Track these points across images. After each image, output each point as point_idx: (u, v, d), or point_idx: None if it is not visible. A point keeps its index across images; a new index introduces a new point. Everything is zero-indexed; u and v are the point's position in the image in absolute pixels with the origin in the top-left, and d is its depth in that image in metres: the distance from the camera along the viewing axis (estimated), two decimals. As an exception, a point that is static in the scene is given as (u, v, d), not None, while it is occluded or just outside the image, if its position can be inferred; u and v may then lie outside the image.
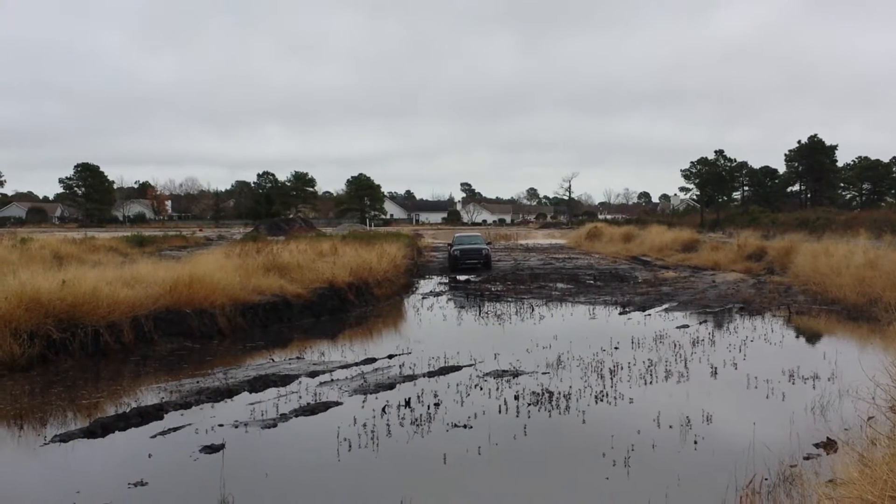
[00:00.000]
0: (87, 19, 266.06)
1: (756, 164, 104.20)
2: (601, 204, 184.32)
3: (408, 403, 10.79)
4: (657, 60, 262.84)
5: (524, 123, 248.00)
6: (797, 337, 17.28)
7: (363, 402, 11.02)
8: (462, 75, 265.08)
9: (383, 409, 10.50)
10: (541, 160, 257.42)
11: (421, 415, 10.22)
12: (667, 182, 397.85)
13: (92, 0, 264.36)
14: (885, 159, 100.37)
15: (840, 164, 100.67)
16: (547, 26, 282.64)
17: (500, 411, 10.43)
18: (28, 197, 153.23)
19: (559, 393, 11.31)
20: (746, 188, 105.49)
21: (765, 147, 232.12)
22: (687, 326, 18.06)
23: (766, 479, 7.42)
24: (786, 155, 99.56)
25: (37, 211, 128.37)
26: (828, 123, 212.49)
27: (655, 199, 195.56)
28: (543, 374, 12.79)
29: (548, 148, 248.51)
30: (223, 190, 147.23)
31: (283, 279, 20.62)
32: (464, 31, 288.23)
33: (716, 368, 13.17)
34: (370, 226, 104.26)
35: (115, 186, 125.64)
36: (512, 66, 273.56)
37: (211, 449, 8.79)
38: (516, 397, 11.11)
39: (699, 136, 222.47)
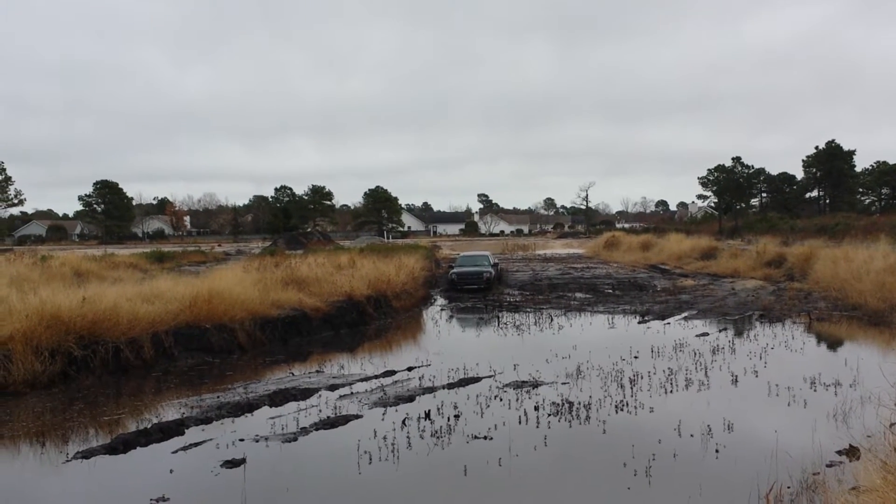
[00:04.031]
0: (122, 36, 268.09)
1: (783, 169, 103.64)
2: (619, 213, 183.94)
3: (428, 416, 10.79)
4: (691, 68, 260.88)
5: (552, 132, 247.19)
6: (818, 344, 17.13)
7: (383, 414, 11.03)
8: (494, 85, 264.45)
9: (403, 422, 10.51)
10: (565, 169, 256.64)
11: (441, 427, 10.22)
12: (690, 190, 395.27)
13: (126, 16, 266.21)
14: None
15: (858, 168, 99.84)
16: (582, 34, 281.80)
17: (520, 422, 10.41)
18: (48, 215, 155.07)
19: (579, 403, 11.27)
20: (765, 195, 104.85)
21: (798, 153, 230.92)
22: (707, 334, 17.97)
23: (788, 487, 7.37)
24: (804, 161, 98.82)
25: (57, 228, 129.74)
26: (861, 129, 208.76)
27: (673, 207, 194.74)
28: (563, 384, 12.76)
29: (573, 157, 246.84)
30: (241, 205, 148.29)
31: (301, 293, 20.70)
32: (499, 41, 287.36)
33: (736, 376, 13.08)
34: (388, 238, 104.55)
35: (133, 203, 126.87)
36: (545, 75, 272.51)
37: (232, 464, 8.83)
38: (536, 408, 11.09)
39: (730, 144, 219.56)
